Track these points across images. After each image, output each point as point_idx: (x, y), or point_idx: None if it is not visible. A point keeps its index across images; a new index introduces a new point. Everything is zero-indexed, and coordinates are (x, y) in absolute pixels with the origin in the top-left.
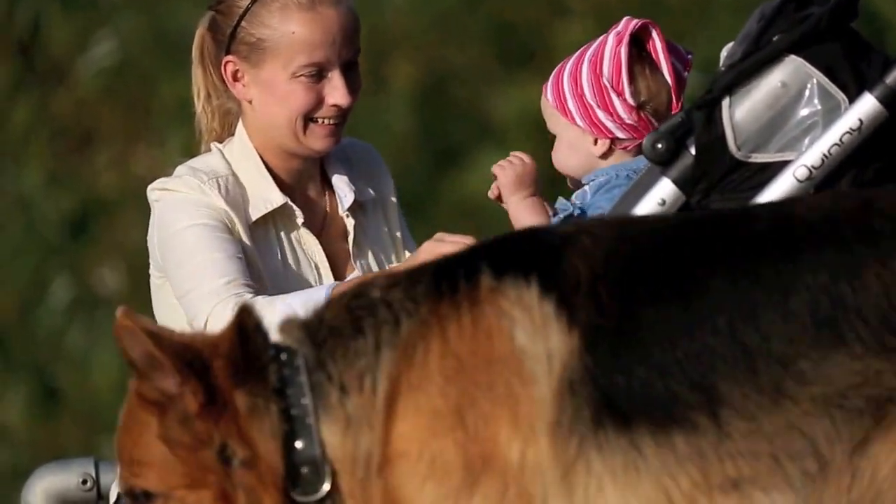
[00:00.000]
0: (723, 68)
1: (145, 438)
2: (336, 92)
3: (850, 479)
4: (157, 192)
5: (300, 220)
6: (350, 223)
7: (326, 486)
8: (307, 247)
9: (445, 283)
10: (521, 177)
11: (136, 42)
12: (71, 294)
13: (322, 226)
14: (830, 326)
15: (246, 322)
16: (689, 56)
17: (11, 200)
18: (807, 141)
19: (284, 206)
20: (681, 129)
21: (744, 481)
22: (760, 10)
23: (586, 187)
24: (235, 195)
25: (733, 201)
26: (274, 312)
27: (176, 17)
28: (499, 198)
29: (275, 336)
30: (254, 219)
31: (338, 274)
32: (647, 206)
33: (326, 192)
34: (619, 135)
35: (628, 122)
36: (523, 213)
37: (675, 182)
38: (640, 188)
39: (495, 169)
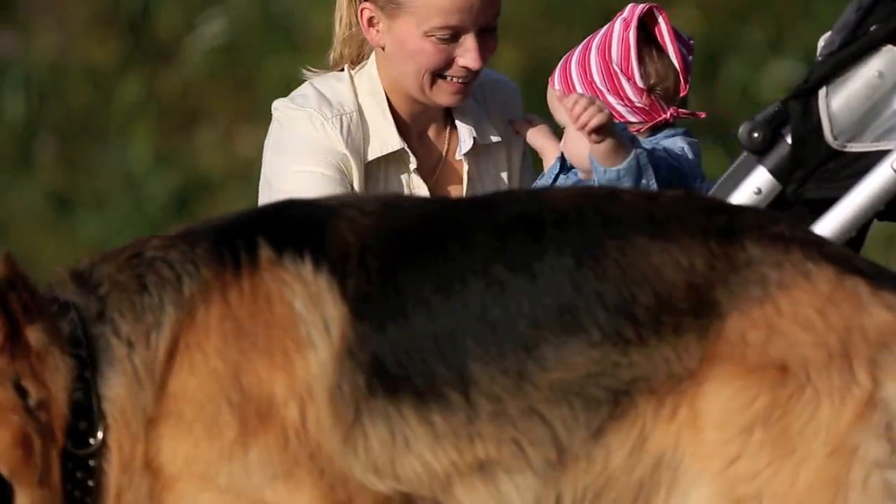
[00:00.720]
0: (820, 58)
1: None
2: (468, 55)
3: (585, 464)
4: (280, 113)
5: (413, 166)
6: (465, 168)
7: (98, 439)
8: (416, 192)
9: (226, 250)
10: None
11: (244, 22)
12: None
13: (436, 169)
14: (572, 312)
15: (19, 267)
16: (691, 41)
17: (118, 177)
18: None
19: (401, 150)
20: (777, 119)
21: (490, 463)
22: (859, 0)
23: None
24: (356, 136)
25: (829, 190)
26: None
27: None
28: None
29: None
30: (370, 159)
31: None
32: (742, 194)
33: (448, 131)
34: (631, 118)
35: (639, 104)
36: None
37: (771, 171)
38: (736, 177)
39: (589, 110)
